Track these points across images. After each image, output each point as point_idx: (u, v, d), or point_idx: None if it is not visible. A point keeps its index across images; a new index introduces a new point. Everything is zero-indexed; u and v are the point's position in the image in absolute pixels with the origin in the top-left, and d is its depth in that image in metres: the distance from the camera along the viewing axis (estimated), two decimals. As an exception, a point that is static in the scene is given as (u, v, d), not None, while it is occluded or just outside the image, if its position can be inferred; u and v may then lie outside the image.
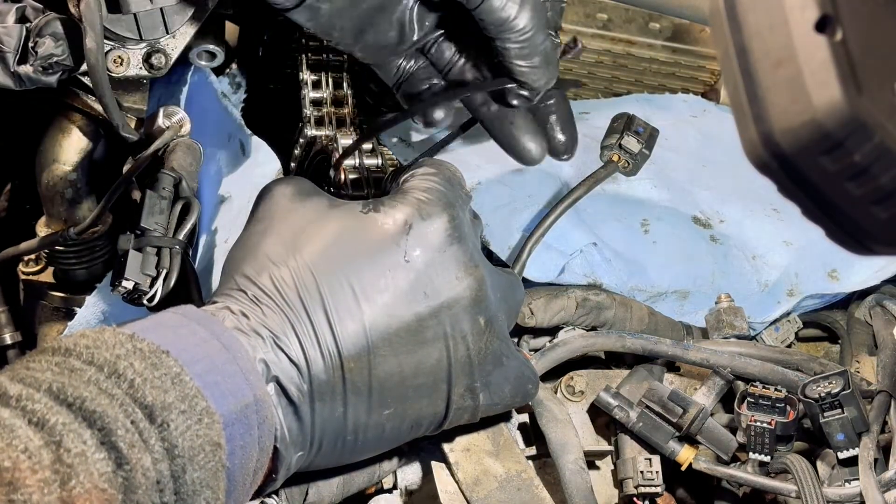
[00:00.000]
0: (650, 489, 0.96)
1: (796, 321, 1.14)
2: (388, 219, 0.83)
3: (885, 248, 0.54)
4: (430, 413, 0.84)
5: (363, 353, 0.79)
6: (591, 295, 1.06)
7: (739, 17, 0.52)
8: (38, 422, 0.61)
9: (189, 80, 1.12)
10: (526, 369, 0.90)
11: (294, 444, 0.78)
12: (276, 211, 0.85)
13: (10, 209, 1.35)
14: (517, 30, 0.89)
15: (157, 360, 0.69)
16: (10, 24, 0.94)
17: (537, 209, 1.09)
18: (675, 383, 1.03)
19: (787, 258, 1.16)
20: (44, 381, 0.64)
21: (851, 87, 0.49)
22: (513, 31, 0.89)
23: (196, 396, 0.68)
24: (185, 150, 0.99)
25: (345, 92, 1.12)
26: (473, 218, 0.90)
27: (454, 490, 0.90)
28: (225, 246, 0.99)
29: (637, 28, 1.36)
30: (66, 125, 1.11)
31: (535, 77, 0.92)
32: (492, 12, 0.87)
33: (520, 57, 0.90)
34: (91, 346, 0.68)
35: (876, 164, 0.50)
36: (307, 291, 0.79)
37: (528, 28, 0.88)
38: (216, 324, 0.75)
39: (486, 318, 0.84)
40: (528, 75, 0.92)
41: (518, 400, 0.90)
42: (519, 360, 0.89)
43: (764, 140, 0.52)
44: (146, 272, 0.90)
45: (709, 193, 1.21)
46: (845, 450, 0.92)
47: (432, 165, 0.89)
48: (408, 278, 0.81)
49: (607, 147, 1.07)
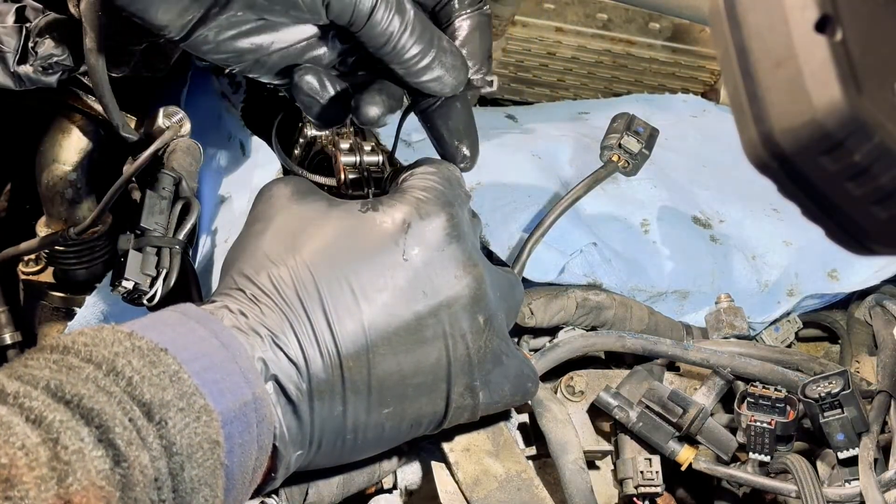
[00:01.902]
0: (650, 489, 0.96)
1: (796, 321, 1.14)
2: (386, 218, 0.83)
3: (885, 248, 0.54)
4: (429, 412, 0.84)
5: (362, 351, 0.79)
6: (591, 295, 1.06)
7: (739, 17, 0.52)
8: (36, 419, 0.61)
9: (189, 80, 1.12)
10: (525, 367, 0.90)
11: (293, 442, 0.78)
12: (275, 211, 0.85)
13: (10, 209, 1.35)
14: (407, 57, 0.87)
15: (156, 358, 0.69)
16: (10, 24, 0.94)
17: (537, 209, 1.09)
18: (675, 383, 1.03)
19: (787, 258, 1.16)
20: (41, 378, 0.64)
21: (851, 87, 0.49)
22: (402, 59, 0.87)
23: (194, 394, 0.68)
24: (185, 150, 0.99)
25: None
26: (472, 217, 0.90)
27: (454, 490, 0.90)
28: (225, 246, 0.99)
29: (637, 28, 1.36)
30: (66, 125, 1.11)
31: (437, 88, 0.89)
32: (375, 38, 0.85)
33: (413, 76, 0.88)
34: (89, 344, 0.68)
35: (876, 164, 0.50)
36: (306, 290, 0.79)
37: (419, 55, 0.87)
38: (215, 322, 0.75)
39: (485, 317, 0.84)
40: (431, 89, 0.89)
41: (518, 398, 0.90)
42: (518, 358, 0.89)
43: (764, 140, 0.52)
44: (146, 272, 0.90)
45: (709, 193, 1.21)
46: (845, 450, 0.92)
47: (431, 165, 0.89)
48: (406, 277, 0.81)
49: (607, 147, 1.07)
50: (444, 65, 0.88)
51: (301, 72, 0.88)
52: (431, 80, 0.88)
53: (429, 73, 0.88)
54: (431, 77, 0.88)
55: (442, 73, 0.88)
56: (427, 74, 0.88)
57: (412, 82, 0.88)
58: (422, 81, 0.88)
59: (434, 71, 0.88)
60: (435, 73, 0.88)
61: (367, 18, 0.83)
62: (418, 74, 0.88)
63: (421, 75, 0.88)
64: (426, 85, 0.89)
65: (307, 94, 0.88)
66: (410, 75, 0.88)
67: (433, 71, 0.88)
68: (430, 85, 0.89)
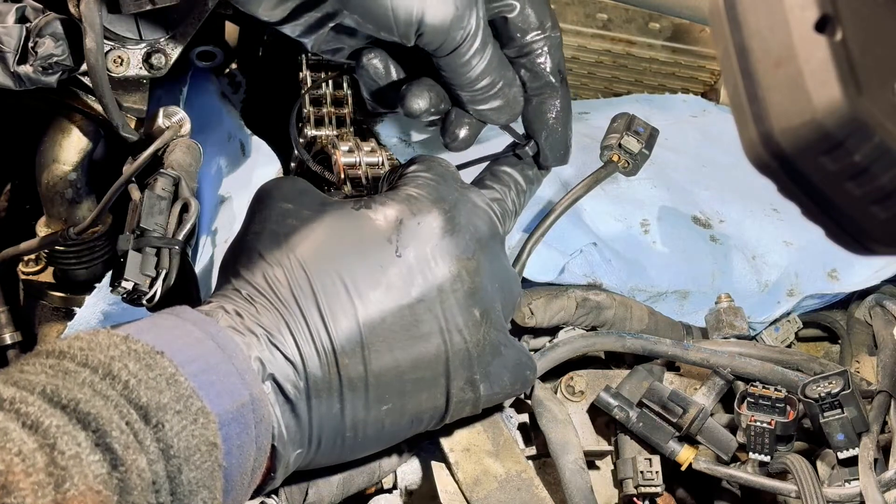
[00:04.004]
0: (650, 489, 0.96)
1: (796, 321, 1.14)
2: (379, 215, 0.84)
3: (885, 248, 0.54)
4: (430, 407, 0.84)
5: (358, 348, 0.79)
6: (591, 295, 1.06)
7: (739, 17, 0.52)
8: (32, 424, 0.61)
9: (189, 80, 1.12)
10: (523, 356, 0.90)
11: (292, 441, 0.78)
12: (271, 211, 0.86)
13: (10, 209, 1.35)
14: (478, 87, 0.91)
15: (152, 361, 0.69)
16: (10, 24, 0.94)
17: (537, 209, 1.09)
18: (675, 383, 1.03)
19: (787, 258, 1.16)
20: (38, 383, 0.64)
21: (851, 87, 0.49)
22: (473, 87, 0.91)
23: (191, 397, 0.68)
24: (185, 150, 0.99)
25: (345, 92, 1.12)
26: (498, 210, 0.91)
27: (454, 490, 0.90)
28: (225, 246, 0.99)
29: (637, 28, 1.36)
30: (66, 125, 1.11)
31: (493, 117, 0.94)
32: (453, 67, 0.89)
33: (476, 103, 0.92)
34: (85, 348, 0.68)
35: (876, 164, 0.50)
36: (300, 289, 0.79)
37: (489, 86, 0.91)
38: (211, 324, 0.76)
39: (481, 310, 0.84)
40: (487, 116, 0.94)
41: (518, 387, 0.90)
42: (516, 347, 0.89)
43: (764, 140, 0.52)
44: (145, 272, 0.90)
45: (709, 193, 1.21)
46: (845, 450, 0.92)
47: (423, 162, 0.90)
48: (400, 273, 0.82)
49: (607, 147, 1.07)
50: (505, 96, 0.92)
51: (370, 55, 0.92)
52: (491, 109, 0.92)
53: (490, 103, 0.92)
54: (491, 107, 0.92)
55: (502, 104, 0.92)
56: (489, 104, 0.92)
57: (472, 108, 0.92)
58: (481, 109, 0.92)
59: (495, 101, 0.92)
60: (496, 103, 0.92)
61: (453, 50, 0.87)
62: (481, 103, 0.92)
63: (483, 104, 0.92)
64: (484, 113, 0.93)
65: (371, 77, 0.93)
66: (473, 102, 0.92)
67: (495, 101, 0.92)
68: (487, 113, 0.93)
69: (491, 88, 0.90)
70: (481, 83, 0.89)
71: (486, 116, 0.93)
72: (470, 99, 0.91)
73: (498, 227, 0.90)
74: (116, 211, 1.10)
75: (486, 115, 0.93)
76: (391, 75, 0.94)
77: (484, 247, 0.86)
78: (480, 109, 0.92)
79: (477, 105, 0.92)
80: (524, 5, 0.91)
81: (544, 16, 0.92)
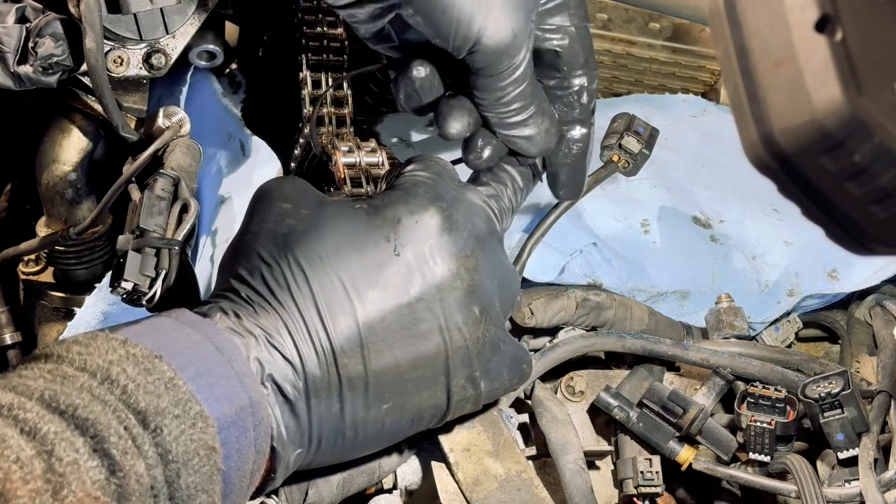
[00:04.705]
0: (650, 489, 0.96)
1: (796, 321, 1.14)
2: (377, 214, 0.84)
3: (885, 248, 0.54)
4: (430, 405, 0.84)
5: (356, 347, 0.79)
6: (591, 295, 1.06)
7: (739, 17, 0.52)
8: (30, 431, 0.60)
9: (189, 80, 1.12)
10: (519, 350, 0.90)
11: (292, 441, 0.78)
12: (270, 211, 0.86)
13: (10, 209, 1.35)
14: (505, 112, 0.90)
15: (150, 365, 0.69)
16: (10, 24, 0.94)
17: (537, 209, 1.09)
18: (675, 383, 1.03)
19: (787, 258, 1.16)
20: (36, 388, 0.64)
21: (851, 87, 0.49)
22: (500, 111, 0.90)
23: (190, 401, 0.68)
24: (185, 150, 0.99)
25: (345, 92, 1.12)
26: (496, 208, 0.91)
27: (454, 490, 0.90)
28: (225, 246, 0.99)
29: (637, 28, 1.36)
30: (66, 125, 1.11)
31: (525, 146, 0.92)
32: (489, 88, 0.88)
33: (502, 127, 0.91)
34: (83, 353, 0.68)
35: (876, 164, 0.50)
36: (298, 289, 0.80)
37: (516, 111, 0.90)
38: (209, 326, 0.76)
39: (480, 307, 0.84)
40: (518, 145, 0.92)
41: (516, 381, 0.91)
42: (513, 342, 0.89)
43: (764, 140, 0.52)
44: (145, 273, 0.90)
45: (709, 193, 1.21)
46: (845, 450, 0.92)
47: (420, 161, 0.90)
48: (399, 272, 0.82)
49: (607, 147, 1.07)
50: (538, 126, 0.90)
51: (419, 66, 0.91)
52: (522, 137, 0.91)
53: (521, 130, 0.90)
54: (522, 135, 0.91)
55: (535, 133, 0.91)
56: (518, 130, 0.90)
57: (500, 133, 0.91)
58: (510, 135, 0.91)
59: (526, 130, 0.90)
60: (527, 132, 0.90)
61: (494, 73, 0.86)
62: (508, 128, 0.90)
63: (510, 129, 0.90)
64: (514, 140, 0.91)
65: (415, 89, 0.91)
66: (501, 126, 0.90)
67: (525, 129, 0.90)
68: (518, 141, 0.91)
69: (518, 114, 0.89)
70: (509, 108, 0.88)
71: (517, 145, 0.92)
72: (497, 122, 0.90)
73: (496, 225, 0.90)
74: (116, 211, 1.10)
75: (518, 144, 0.92)
76: (434, 91, 0.92)
77: (482, 244, 0.86)
78: (509, 135, 0.91)
79: (504, 130, 0.90)
80: (574, 41, 0.91)
81: (589, 53, 0.92)
